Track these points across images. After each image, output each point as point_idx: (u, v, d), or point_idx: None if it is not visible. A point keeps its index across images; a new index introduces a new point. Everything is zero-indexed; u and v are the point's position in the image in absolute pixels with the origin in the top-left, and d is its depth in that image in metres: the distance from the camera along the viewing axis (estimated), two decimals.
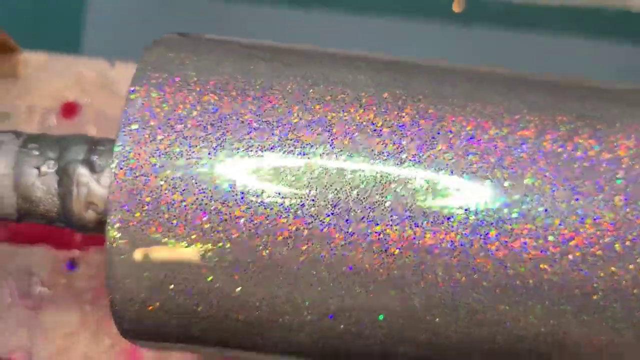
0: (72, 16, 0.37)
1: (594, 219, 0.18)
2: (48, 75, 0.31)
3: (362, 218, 0.18)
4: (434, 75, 0.20)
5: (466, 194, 0.18)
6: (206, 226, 0.18)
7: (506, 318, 0.18)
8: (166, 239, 0.18)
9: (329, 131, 0.19)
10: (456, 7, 0.36)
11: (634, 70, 0.36)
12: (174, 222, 0.18)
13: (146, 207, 0.18)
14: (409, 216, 0.18)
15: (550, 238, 0.18)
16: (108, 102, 0.30)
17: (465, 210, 0.18)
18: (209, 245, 0.18)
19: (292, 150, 0.18)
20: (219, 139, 0.18)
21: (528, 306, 0.18)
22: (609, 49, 0.36)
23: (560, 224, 0.18)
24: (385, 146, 0.18)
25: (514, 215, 0.18)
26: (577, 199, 0.18)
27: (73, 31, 0.37)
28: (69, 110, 0.30)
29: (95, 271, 0.30)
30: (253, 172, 0.18)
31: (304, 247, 0.18)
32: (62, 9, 0.37)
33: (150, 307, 0.19)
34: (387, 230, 0.18)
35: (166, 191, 0.18)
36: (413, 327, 0.19)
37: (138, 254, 0.18)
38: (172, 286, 0.18)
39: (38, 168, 0.20)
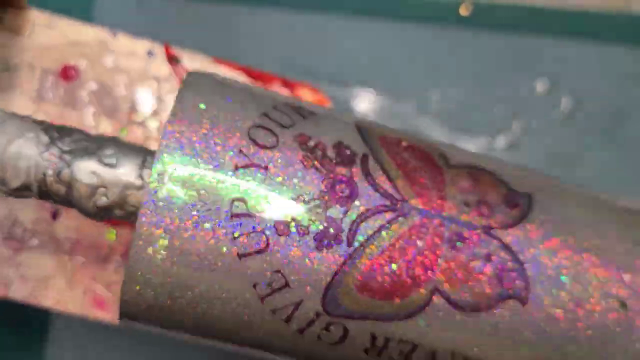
0: None
1: None
2: (52, 36, 0.32)
3: None
4: None
5: None
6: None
7: None
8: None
9: None
10: (464, 10, 0.36)
11: None
12: None
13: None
14: None
15: None
16: (105, 72, 0.33)
17: None
18: None
19: None
20: None
21: None
22: (616, 53, 0.36)
23: None
24: None
25: None
26: None
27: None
28: (68, 73, 0.32)
29: (75, 224, 0.32)
30: None
31: None
32: None
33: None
34: None
35: None
36: None
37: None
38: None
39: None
